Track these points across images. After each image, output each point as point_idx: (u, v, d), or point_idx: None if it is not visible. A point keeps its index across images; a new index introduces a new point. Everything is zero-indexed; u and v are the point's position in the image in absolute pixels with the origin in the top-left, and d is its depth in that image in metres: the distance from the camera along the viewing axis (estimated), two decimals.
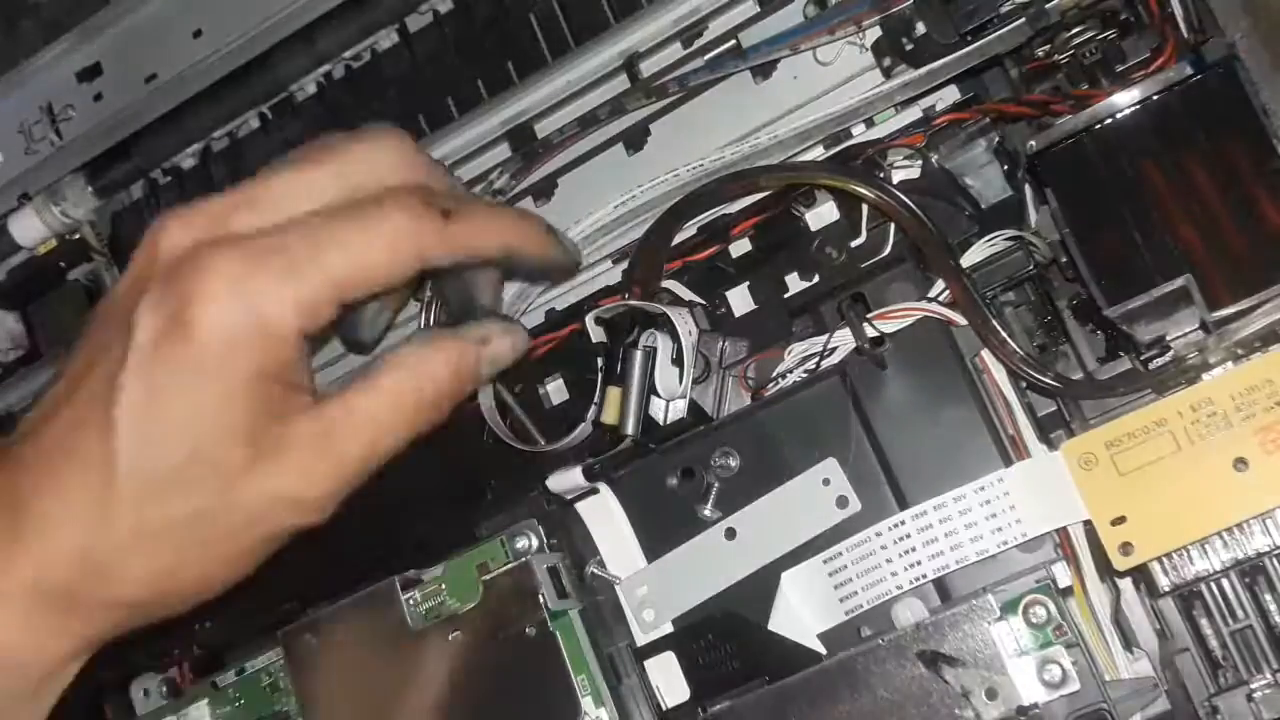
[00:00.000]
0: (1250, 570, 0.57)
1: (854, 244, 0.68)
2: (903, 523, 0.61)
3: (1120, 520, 0.57)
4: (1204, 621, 0.58)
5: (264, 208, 0.40)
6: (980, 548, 0.60)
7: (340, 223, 0.40)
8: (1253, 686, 0.57)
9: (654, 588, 0.67)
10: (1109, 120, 0.61)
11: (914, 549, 0.61)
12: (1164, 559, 0.57)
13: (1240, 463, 0.56)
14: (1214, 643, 0.58)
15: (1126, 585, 0.61)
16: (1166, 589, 0.58)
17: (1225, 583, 0.58)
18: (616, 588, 0.67)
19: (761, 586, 0.64)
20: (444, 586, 0.69)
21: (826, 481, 0.64)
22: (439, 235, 0.42)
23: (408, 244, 0.41)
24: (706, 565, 0.65)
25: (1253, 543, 0.56)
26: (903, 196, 0.63)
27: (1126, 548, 0.57)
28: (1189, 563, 0.57)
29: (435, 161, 0.46)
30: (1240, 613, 0.58)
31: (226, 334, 0.38)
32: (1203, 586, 0.58)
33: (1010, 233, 0.64)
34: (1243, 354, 0.58)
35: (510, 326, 0.52)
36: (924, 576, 0.61)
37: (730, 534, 0.65)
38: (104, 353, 0.39)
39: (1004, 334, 0.61)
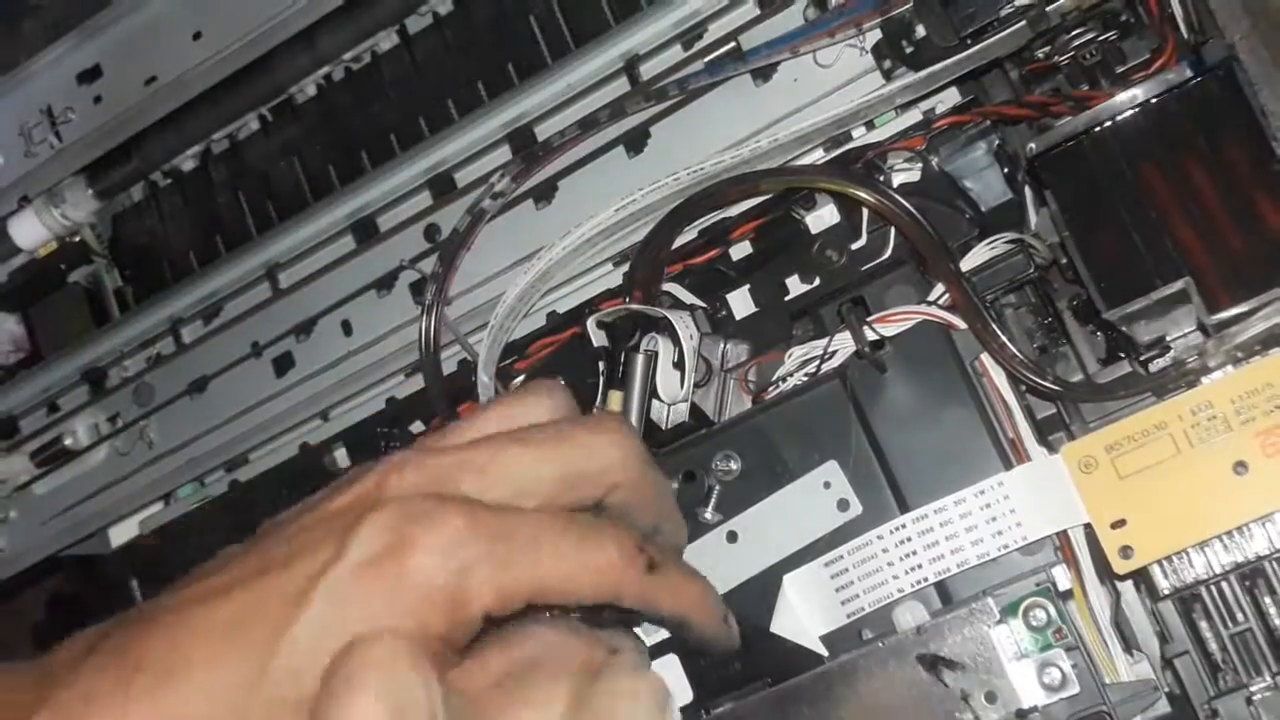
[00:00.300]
0: (1250, 573, 0.57)
1: (854, 247, 0.68)
2: (903, 526, 0.61)
3: (1120, 523, 0.57)
4: (1204, 624, 0.58)
5: (491, 480, 0.41)
6: (981, 551, 0.60)
7: (562, 534, 0.41)
8: (1252, 689, 0.57)
9: None
10: (1109, 122, 0.61)
11: (915, 552, 0.61)
12: (1164, 562, 0.57)
13: (1240, 466, 0.56)
14: (1214, 645, 0.58)
15: (1127, 588, 0.61)
16: (1166, 592, 0.58)
17: (1225, 586, 0.58)
18: None
19: (764, 589, 0.64)
20: None
21: (828, 484, 0.64)
22: (639, 584, 0.43)
23: (611, 579, 0.42)
24: (708, 568, 0.65)
25: (1252, 546, 0.56)
26: (904, 201, 0.63)
27: (1126, 551, 0.57)
28: (1189, 566, 0.57)
29: (657, 468, 0.47)
30: (1240, 616, 0.58)
31: (429, 590, 0.38)
32: (1202, 589, 0.58)
33: (1010, 235, 0.64)
34: (1242, 357, 0.58)
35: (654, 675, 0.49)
36: (925, 579, 0.61)
37: (732, 537, 0.65)
38: (311, 550, 0.39)
39: (1004, 338, 0.61)
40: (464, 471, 0.41)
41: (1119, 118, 0.61)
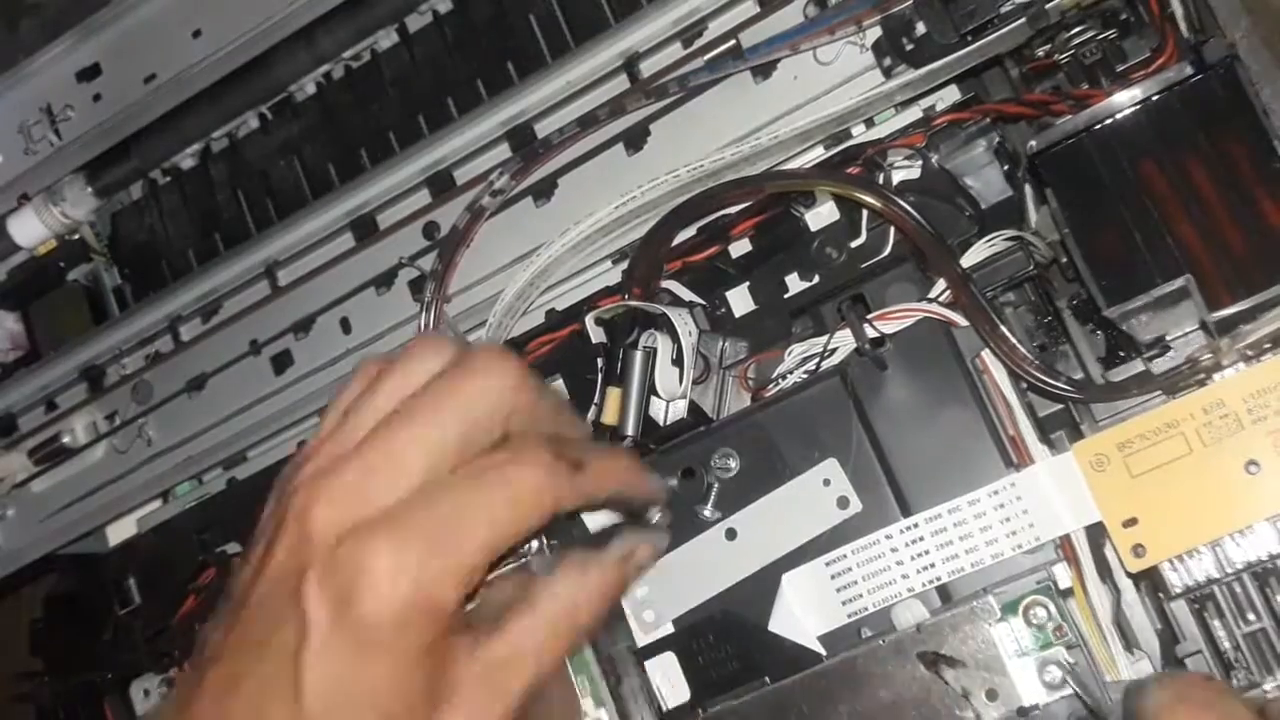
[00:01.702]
0: (1262, 572, 0.57)
1: (854, 244, 0.68)
2: (916, 525, 0.61)
3: (1132, 522, 0.57)
4: (1216, 623, 0.58)
5: (397, 473, 0.42)
6: (995, 550, 0.60)
7: (482, 486, 0.42)
8: (1266, 688, 0.56)
9: (654, 588, 0.67)
10: (1109, 120, 0.61)
11: (928, 551, 0.61)
12: (1176, 560, 0.57)
13: (1252, 465, 0.56)
14: (1226, 644, 0.58)
15: (1127, 586, 0.61)
16: (1178, 591, 0.57)
17: (1237, 585, 0.58)
18: None
19: (762, 587, 0.64)
20: None
21: (827, 482, 0.64)
22: (570, 487, 0.44)
23: (546, 498, 0.43)
24: (707, 566, 0.65)
25: (1265, 544, 0.56)
26: (909, 208, 0.63)
27: (1139, 549, 0.57)
28: (1201, 564, 0.57)
29: (544, 384, 0.48)
30: (1252, 615, 0.57)
31: (396, 615, 0.40)
32: (1215, 588, 0.58)
33: (1010, 233, 0.64)
34: (1253, 356, 0.58)
35: (649, 535, 0.54)
36: (938, 579, 0.61)
37: (731, 534, 0.65)
38: (278, 632, 0.41)
39: (1014, 340, 0.60)
40: (366, 479, 0.42)
41: (1119, 116, 0.61)
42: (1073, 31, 0.67)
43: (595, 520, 0.66)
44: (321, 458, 0.43)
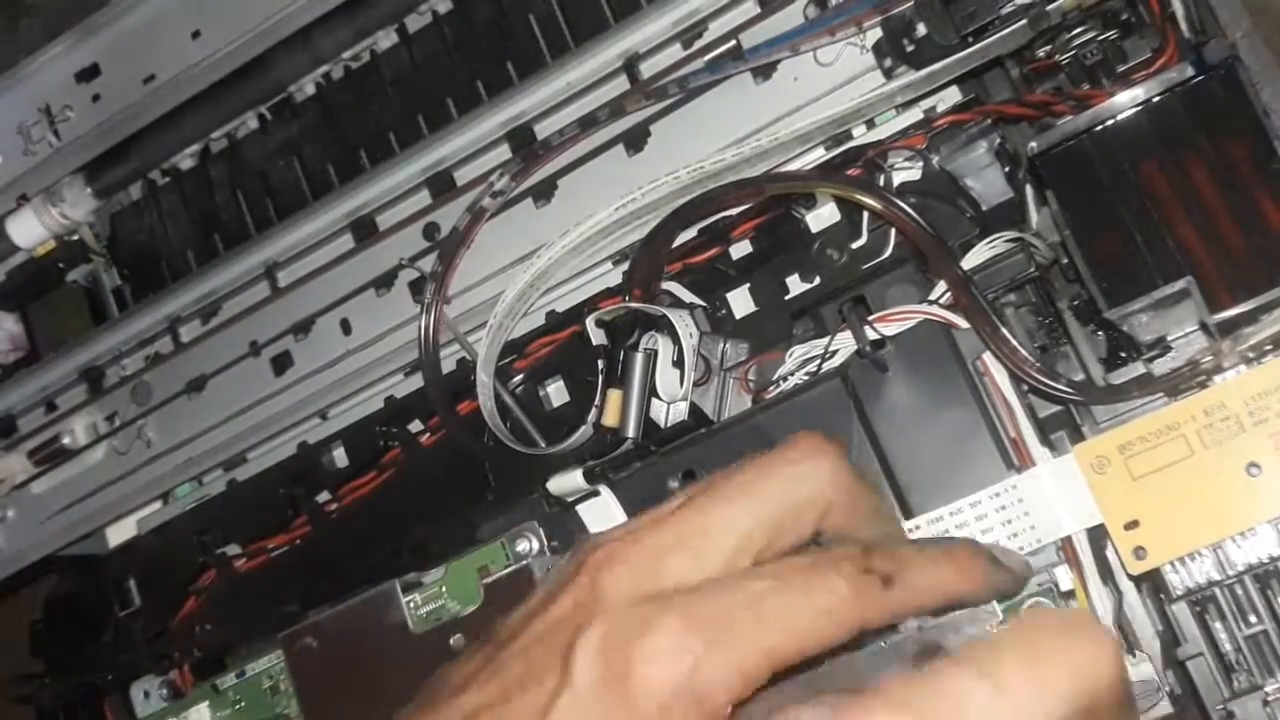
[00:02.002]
0: (1264, 575, 0.57)
1: (855, 245, 0.68)
2: (917, 528, 0.61)
3: (1134, 524, 0.57)
4: (1217, 625, 0.58)
5: (699, 552, 0.40)
6: None
7: (782, 590, 0.39)
8: (1268, 690, 0.56)
9: None
10: (1110, 121, 0.61)
11: None
12: (1177, 563, 0.57)
13: (1254, 467, 0.56)
14: (1228, 646, 0.58)
15: (1129, 588, 0.61)
16: (1180, 593, 0.57)
17: (1239, 587, 0.58)
18: None
19: None
20: (445, 589, 0.69)
21: None
22: (881, 604, 0.41)
23: (850, 615, 0.40)
24: None
25: (1266, 547, 0.56)
26: (910, 210, 0.63)
27: (1140, 552, 0.57)
28: (1202, 567, 0.57)
29: (862, 476, 0.44)
30: (1254, 617, 0.57)
31: (663, 699, 0.38)
32: (1216, 591, 0.58)
33: (1011, 234, 0.64)
34: (1254, 358, 0.58)
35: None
36: None
37: None
38: (538, 677, 0.39)
39: (1015, 342, 0.60)
40: (669, 552, 0.40)
41: (1120, 117, 0.61)
42: (1074, 32, 0.67)
43: (592, 517, 0.66)
44: (631, 524, 0.42)
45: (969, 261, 0.63)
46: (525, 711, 0.38)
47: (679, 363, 0.65)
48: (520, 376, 0.75)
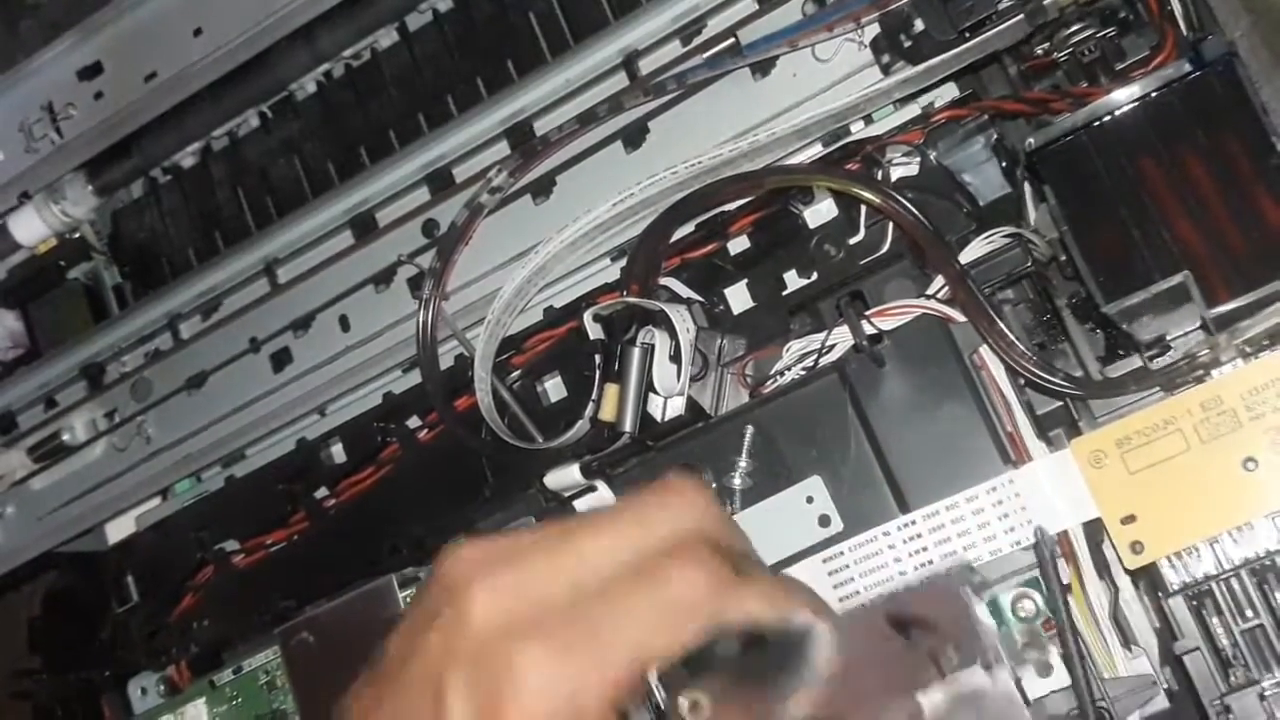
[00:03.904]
0: (1260, 569, 0.57)
1: (852, 241, 0.68)
2: (914, 522, 0.61)
3: (1130, 519, 0.57)
4: (1214, 620, 0.58)
5: (563, 574, 0.40)
6: (994, 546, 0.60)
7: (639, 587, 0.40)
8: (1264, 685, 0.56)
9: None
10: (1108, 118, 0.61)
11: (925, 549, 0.61)
12: (1174, 557, 0.57)
13: (1250, 461, 0.56)
14: (1224, 641, 0.58)
15: (1125, 583, 0.61)
16: (1176, 587, 0.57)
17: (1235, 581, 0.57)
18: None
19: None
20: None
21: (810, 499, 0.64)
22: (734, 598, 0.41)
23: (705, 606, 0.40)
24: None
25: (1263, 541, 0.56)
26: (908, 205, 0.63)
27: (1137, 546, 0.57)
28: (1199, 561, 0.57)
29: (726, 517, 0.45)
30: (1250, 612, 0.57)
31: None
32: (1213, 585, 0.58)
33: (1008, 230, 0.64)
34: (1251, 352, 0.58)
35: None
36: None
37: None
38: (418, 711, 0.39)
39: (1012, 337, 0.60)
40: (538, 580, 0.40)
41: (1118, 113, 0.61)
42: (1071, 29, 0.66)
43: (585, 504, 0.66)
44: (494, 542, 0.42)
45: (966, 256, 0.63)
46: None
47: (676, 358, 0.65)
48: (518, 372, 0.75)
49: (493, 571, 0.40)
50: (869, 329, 0.64)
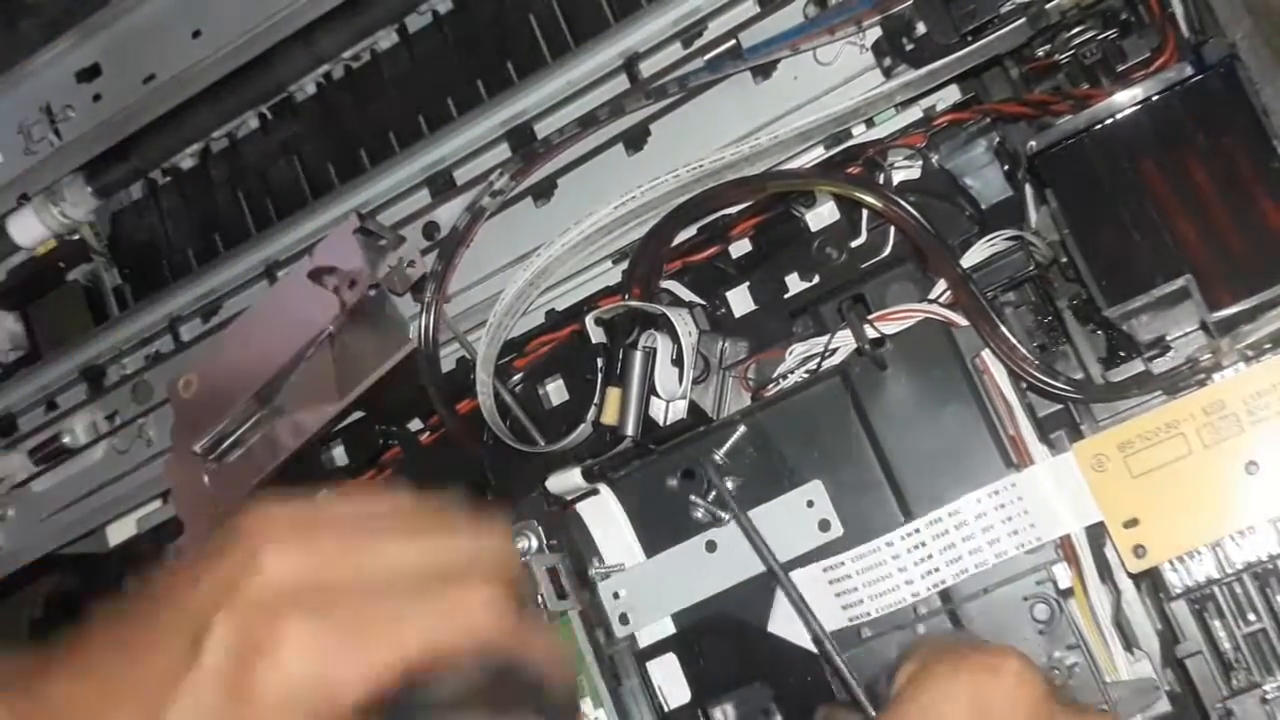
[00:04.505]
0: (1262, 573, 0.57)
1: (854, 244, 0.68)
2: (917, 530, 0.61)
3: (1133, 522, 0.57)
4: (1216, 623, 0.58)
5: (360, 562, 0.40)
6: (999, 550, 0.60)
7: (424, 596, 0.40)
8: (1266, 688, 0.57)
9: (632, 593, 0.67)
10: (1109, 120, 0.61)
11: (931, 555, 0.61)
12: (1176, 561, 0.57)
13: (1252, 465, 0.56)
14: (1226, 645, 0.58)
15: (1127, 587, 0.61)
16: (1179, 591, 0.57)
17: (1237, 585, 0.58)
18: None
19: (757, 590, 0.64)
20: None
21: (811, 503, 0.64)
22: (511, 631, 0.41)
23: (483, 630, 0.41)
24: (685, 576, 0.66)
25: (1265, 545, 0.56)
26: (910, 208, 0.63)
27: (1140, 550, 0.57)
28: (1201, 565, 0.57)
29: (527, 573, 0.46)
30: (1252, 615, 0.57)
31: (287, 694, 0.38)
32: (1215, 589, 0.58)
33: (1010, 233, 0.64)
34: (1254, 356, 0.58)
35: None
36: (943, 582, 0.60)
37: (711, 547, 0.65)
38: (173, 644, 0.39)
39: (1014, 340, 0.60)
40: (328, 556, 0.40)
41: (1119, 116, 0.61)
42: (1073, 31, 0.67)
43: (591, 515, 0.66)
44: (304, 505, 0.41)
45: (968, 260, 0.63)
46: (151, 675, 0.38)
47: (678, 361, 0.65)
48: (520, 375, 0.75)
49: (291, 536, 0.40)
50: (871, 332, 0.64)
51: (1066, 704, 0.49)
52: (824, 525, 0.63)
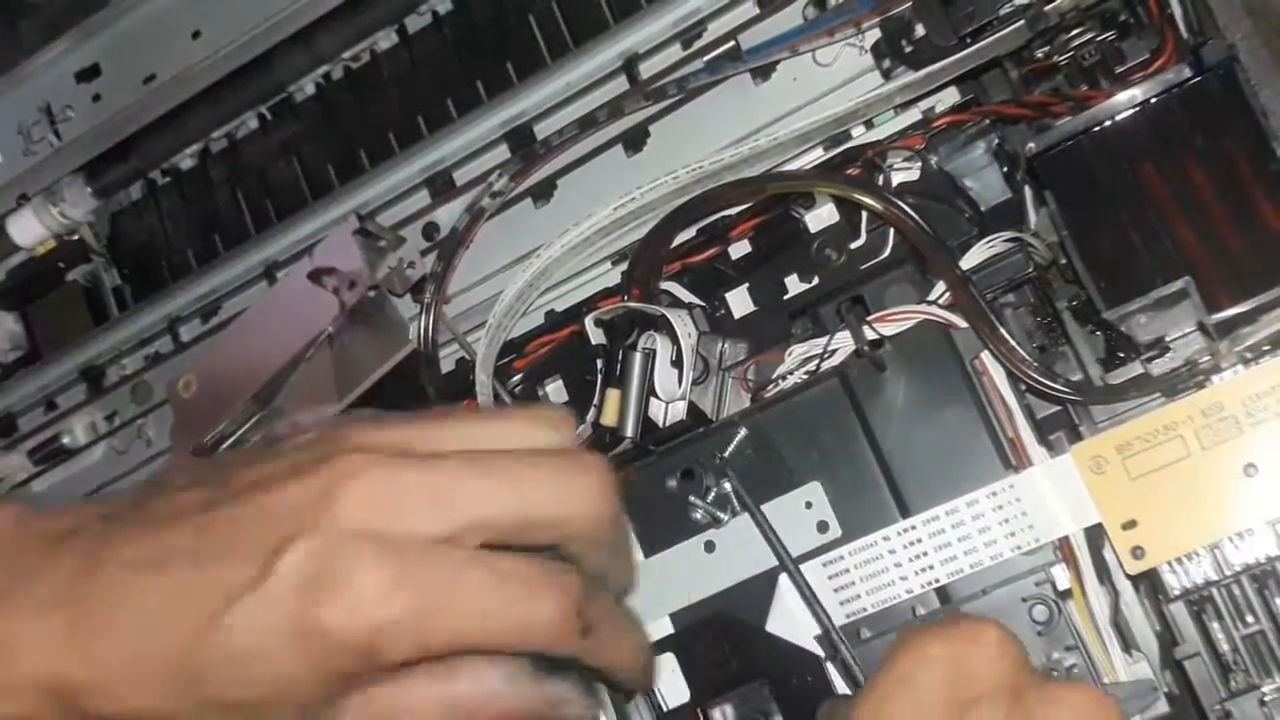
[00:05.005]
0: (1260, 575, 0.57)
1: (853, 246, 0.68)
2: (914, 527, 0.61)
3: (1131, 524, 0.57)
4: (1215, 625, 0.58)
5: (443, 515, 0.39)
6: (994, 551, 0.60)
7: (496, 588, 0.39)
8: (1264, 690, 0.57)
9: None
10: (1108, 122, 0.61)
11: (926, 553, 0.61)
12: (1174, 563, 0.57)
13: (1251, 467, 0.56)
14: (1225, 647, 0.58)
15: (1126, 588, 0.61)
16: (1177, 593, 0.58)
17: (1236, 587, 0.58)
18: None
19: (757, 589, 0.64)
20: None
21: (809, 505, 0.64)
22: (571, 645, 0.40)
23: (540, 640, 0.39)
24: (683, 576, 0.66)
25: (1263, 547, 0.56)
26: (909, 210, 0.63)
27: (1138, 551, 0.57)
28: (1200, 567, 0.57)
29: (618, 507, 0.44)
30: (1250, 617, 0.58)
31: (342, 637, 0.37)
32: (1213, 591, 0.58)
33: (1009, 234, 0.64)
34: (1252, 358, 0.58)
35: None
36: (936, 580, 0.61)
37: (709, 547, 0.65)
38: (238, 559, 0.38)
39: (1013, 343, 0.61)
40: (419, 503, 0.38)
41: (1118, 117, 0.61)
42: (1072, 33, 0.67)
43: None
44: (396, 438, 0.40)
45: (967, 261, 0.63)
46: (214, 587, 0.37)
47: (677, 362, 0.66)
48: (519, 376, 0.75)
49: (380, 473, 0.38)
50: (870, 334, 0.64)
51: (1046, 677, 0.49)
52: (822, 527, 0.64)
